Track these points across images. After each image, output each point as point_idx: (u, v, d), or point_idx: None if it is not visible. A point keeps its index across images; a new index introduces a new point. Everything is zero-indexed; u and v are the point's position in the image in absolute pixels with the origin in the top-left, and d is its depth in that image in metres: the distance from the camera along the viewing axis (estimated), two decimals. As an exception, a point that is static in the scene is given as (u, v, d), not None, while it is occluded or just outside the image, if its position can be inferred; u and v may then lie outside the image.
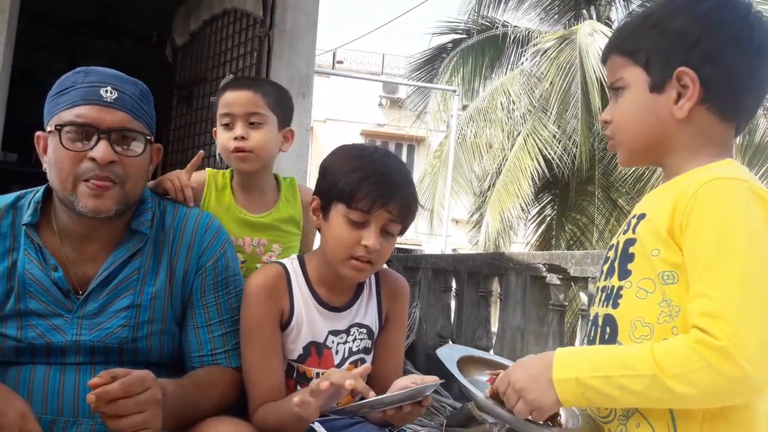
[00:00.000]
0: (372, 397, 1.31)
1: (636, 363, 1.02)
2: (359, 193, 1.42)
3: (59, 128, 1.38)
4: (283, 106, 1.94)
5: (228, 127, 1.87)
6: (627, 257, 1.14)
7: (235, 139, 1.83)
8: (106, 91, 1.40)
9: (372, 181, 1.43)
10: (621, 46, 1.21)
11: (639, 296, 1.11)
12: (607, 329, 1.16)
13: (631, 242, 1.14)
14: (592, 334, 1.22)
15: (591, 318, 1.24)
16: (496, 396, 1.17)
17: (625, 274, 1.14)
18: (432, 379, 1.38)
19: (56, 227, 1.47)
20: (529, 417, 1.13)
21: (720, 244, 1.01)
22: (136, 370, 1.24)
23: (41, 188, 1.50)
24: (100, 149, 1.38)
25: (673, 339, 1.04)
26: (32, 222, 1.44)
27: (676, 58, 1.13)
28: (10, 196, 1.50)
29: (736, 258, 1.00)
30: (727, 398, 1.01)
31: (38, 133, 1.46)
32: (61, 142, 1.37)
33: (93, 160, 1.38)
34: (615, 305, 1.15)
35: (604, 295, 1.19)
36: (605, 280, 1.20)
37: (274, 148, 1.91)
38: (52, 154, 1.41)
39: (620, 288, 1.14)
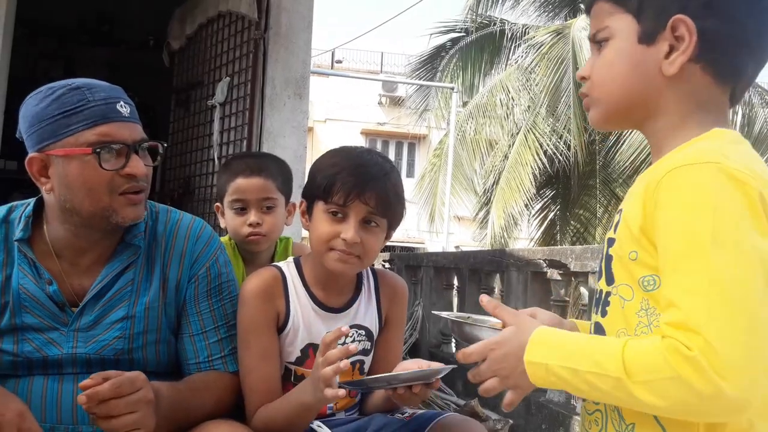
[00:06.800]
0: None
1: (605, 361, 0.91)
2: (334, 187, 1.44)
3: (97, 150, 1.36)
4: (288, 184, 2.06)
5: (240, 212, 1.97)
6: (608, 258, 1.02)
7: (250, 225, 1.95)
8: (122, 106, 1.41)
9: (346, 173, 1.45)
10: None
11: (620, 305, 0.99)
12: None
13: (610, 242, 1.02)
14: None
15: (592, 324, 1.15)
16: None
17: (610, 278, 1.01)
18: (441, 365, 1.39)
19: (49, 241, 1.46)
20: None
21: (684, 242, 0.88)
22: (128, 372, 1.25)
23: (31, 201, 1.49)
24: (138, 165, 1.41)
25: (648, 339, 0.91)
26: (24, 237, 1.44)
27: (674, 5, 0.97)
28: (0, 210, 1.49)
29: (702, 258, 0.87)
30: (701, 415, 0.89)
31: (33, 155, 1.40)
32: (100, 164, 1.37)
33: (128, 175, 1.39)
34: (603, 313, 1.03)
35: (595, 299, 1.08)
36: (598, 281, 1.07)
37: (282, 226, 2.03)
38: (78, 176, 1.37)
39: (608, 294, 1.02)
